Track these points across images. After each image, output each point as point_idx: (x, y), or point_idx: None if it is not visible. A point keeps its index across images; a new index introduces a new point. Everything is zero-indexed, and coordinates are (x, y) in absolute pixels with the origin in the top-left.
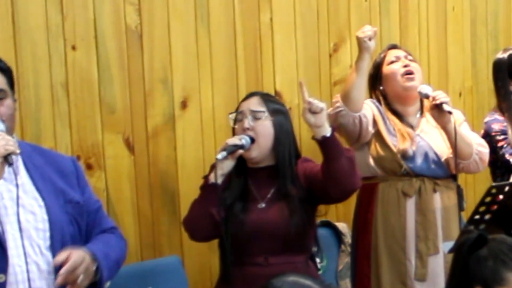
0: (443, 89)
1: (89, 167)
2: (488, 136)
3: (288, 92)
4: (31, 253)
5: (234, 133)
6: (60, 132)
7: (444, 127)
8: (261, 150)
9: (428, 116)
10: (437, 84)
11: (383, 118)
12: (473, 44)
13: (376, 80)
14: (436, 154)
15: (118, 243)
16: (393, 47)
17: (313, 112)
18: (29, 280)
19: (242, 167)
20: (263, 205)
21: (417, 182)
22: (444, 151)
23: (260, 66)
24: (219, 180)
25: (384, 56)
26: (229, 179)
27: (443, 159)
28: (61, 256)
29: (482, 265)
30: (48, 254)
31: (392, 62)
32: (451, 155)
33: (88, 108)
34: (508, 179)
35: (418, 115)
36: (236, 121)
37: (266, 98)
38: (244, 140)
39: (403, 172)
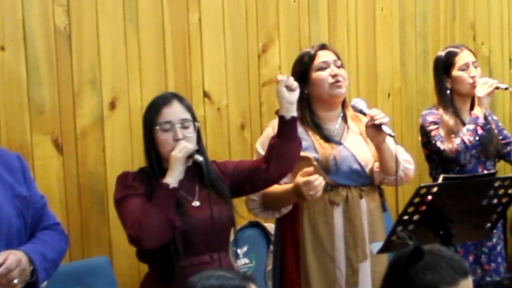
0: (372, 90)
1: None
2: (422, 128)
3: (217, 92)
4: None
5: (156, 142)
6: None
7: (378, 146)
8: None
9: (350, 123)
10: (366, 85)
11: None
12: (402, 45)
13: (302, 83)
14: (360, 164)
15: (58, 240)
16: (323, 47)
17: (290, 89)
18: None
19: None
20: (197, 203)
21: (344, 190)
22: (368, 159)
23: (189, 66)
24: (176, 185)
25: (313, 59)
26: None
27: (367, 169)
28: None
29: (420, 279)
30: None
31: (320, 69)
32: (376, 169)
33: (16, 108)
34: (442, 170)
35: (339, 120)
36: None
37: (184, 102)
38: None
39: (327, 188)
